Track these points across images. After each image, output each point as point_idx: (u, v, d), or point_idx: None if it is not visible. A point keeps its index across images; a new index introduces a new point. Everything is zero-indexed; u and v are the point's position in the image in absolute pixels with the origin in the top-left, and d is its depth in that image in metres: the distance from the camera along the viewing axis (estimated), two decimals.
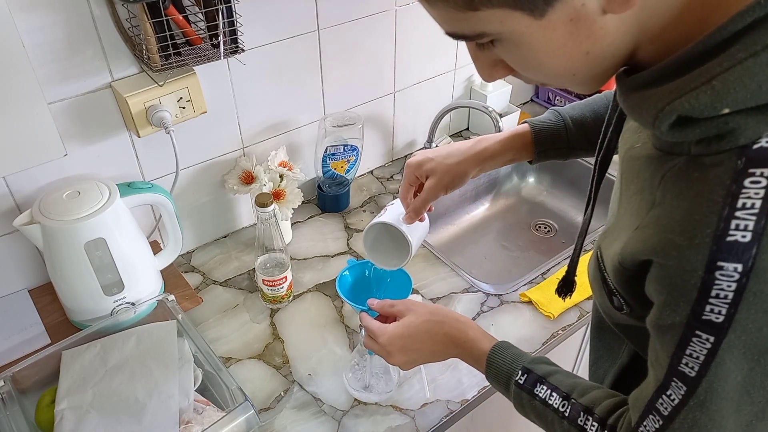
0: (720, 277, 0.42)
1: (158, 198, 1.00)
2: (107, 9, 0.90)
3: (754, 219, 0.41)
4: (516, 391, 0.67)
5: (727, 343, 0.44)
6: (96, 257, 0.92)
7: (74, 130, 0.97)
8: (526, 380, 0.67)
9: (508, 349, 0.72)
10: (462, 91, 1.55)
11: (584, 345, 1.38)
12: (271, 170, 1.17)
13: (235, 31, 0.95)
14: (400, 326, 0.78)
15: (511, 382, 0.68)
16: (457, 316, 0.78)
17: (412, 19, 1.30)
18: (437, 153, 0.84)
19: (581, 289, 1.13)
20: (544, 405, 0.64)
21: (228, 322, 1.08)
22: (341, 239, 1.27)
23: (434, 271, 1.20)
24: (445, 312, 0.78)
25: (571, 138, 0.83)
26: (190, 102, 1.00)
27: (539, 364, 0.68)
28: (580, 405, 0.62)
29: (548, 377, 0.66)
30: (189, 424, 0.83)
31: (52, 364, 0.90)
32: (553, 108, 0.86)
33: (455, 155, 0.84)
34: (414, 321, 0.78)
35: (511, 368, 0.69)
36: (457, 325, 0.76)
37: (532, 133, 0.83)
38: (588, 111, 0.84)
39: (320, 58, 1.21)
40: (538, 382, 0.66)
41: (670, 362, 0.49)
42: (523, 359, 0.69)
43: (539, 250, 1.48)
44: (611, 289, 0.58)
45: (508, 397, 0.70)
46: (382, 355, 0.80)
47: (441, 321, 0.77)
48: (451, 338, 0.76)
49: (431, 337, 0.77)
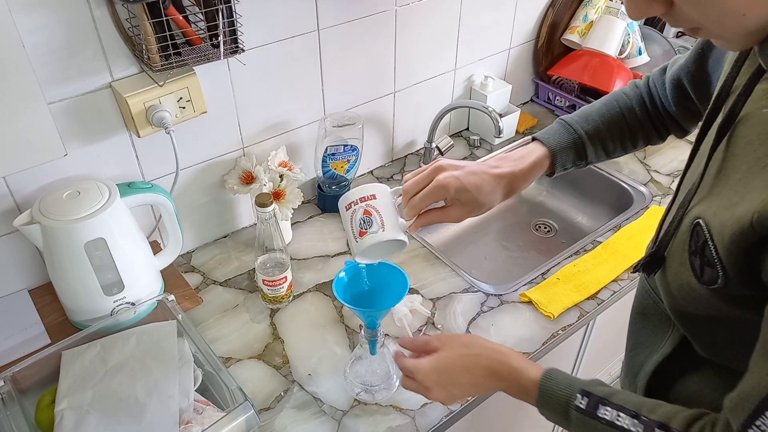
0: None
1: (158, 198, 1.00)
2: (107, 9, 0.90)
3: None
4: (577, 416, 0.63)
5: None
6: (96, 257, 0.92)
7: (74, 130, 0.97)
8: (587, 404, 0.62)
9: (560, 374, 0.67)
10: (462, 91, 1.55)
11: (584, 345, 1.38)
12: (271, 170, 1.17)
13: (235, 31, 0.95)
14: (435, 361, 0.75)
15: (570, 408, 0.63)
16: (496, 346, 0.74)
17: (412, 19, 1.30)
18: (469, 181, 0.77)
19: (581, 289, 1.14)
20: (612, 427, 0.60)
21: (228, 322, 1.08)
22: (341, 239, 1.27)
23: (434, 271, 1.20)
24: (481, 344, 0.75)
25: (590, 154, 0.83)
26: (190, 102, 1.00)
27: (597, 386, 0.64)
28: (653, 422, 0.58)
29: (610, 398, 0.61)
30: (189, 424, 0.83)
31: (52, 364, 0.90)
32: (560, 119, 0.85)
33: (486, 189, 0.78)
34: (449, 356, 0.75)
35: (567, 393, 0.64)
36: (497, 356, 0.72)
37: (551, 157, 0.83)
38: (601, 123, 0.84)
39: (320, 58, 1.21)
40: (600, 403, 0.61)
41: None
42: (579, 382, 0.65)
43: (539, 250, 1.48)
44: (709, 260, 0.54)
45: (567, 427, 0.65)
46: (420, 393, 0.77)
47: (477, 354, 0.73)
48: (493, 371, 0.71)
49: (469, 371, 0.73)
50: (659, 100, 0.86)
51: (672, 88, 0.83)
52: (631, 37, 1.61)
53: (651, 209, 1.34)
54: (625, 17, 1.57)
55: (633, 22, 1.60)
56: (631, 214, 1.34)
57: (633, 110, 0.86)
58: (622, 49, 1.61)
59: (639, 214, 1.33)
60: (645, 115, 0.86)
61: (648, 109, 0.86)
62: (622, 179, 1.45)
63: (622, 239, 1.26)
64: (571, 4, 1.61)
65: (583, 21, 1.60)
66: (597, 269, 1.19)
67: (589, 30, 1.60)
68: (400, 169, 1.49)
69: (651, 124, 0.87)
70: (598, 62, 1.57)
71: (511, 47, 1.58)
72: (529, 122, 1.65)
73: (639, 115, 0.86)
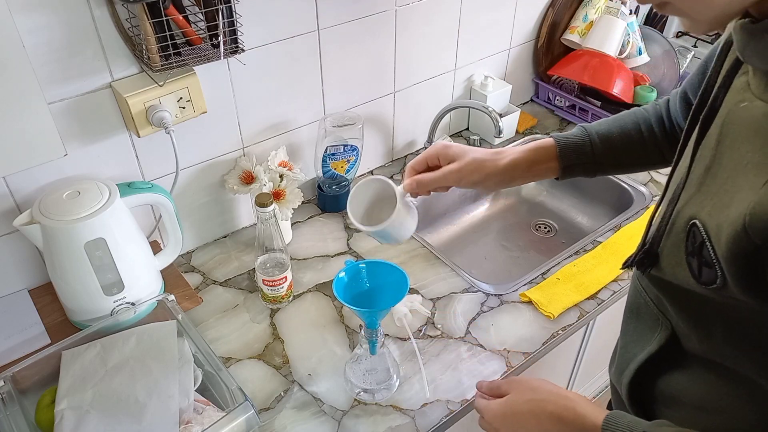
0: None
1: (158, 198, 1.00)
2: (107, 9, 0.90)
3: None
4: None
5: None
6: (96, 257, 0.92)
7: (74, 130, 0.97)
8: None
9: (623, 417, 0.66)
10: (462, 91, 1.55)
11: (584, 345, 1.38)
12: (271, 170, 1.17)
13: (235, 31, 0.95)
14: (503, 404, 0.78)
15: None
16: (562, 392, 0.75)
17: (412, 19, 1.30)
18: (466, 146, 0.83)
19: (581, 289, 1.14)
20: None
21: (228, 322, 1.08)
22: (341, 239, 1.27)
23: (434, 271, 1.20)
24: (549, 389, 0.76)
25: (597, 152, 0.82)
26: (190, 102, 1.00)
27: (660, 427, 0.63)
28: None
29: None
30: (189, 424, 0.83)
31: (52, 364, 0.90)
32: (580, 125, 0.85)
33: (482, 153, 0.82)
34: (516, 399, 0.77)
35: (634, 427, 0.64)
36: (563, 402, 0.73)
37: (556, 147, 0.81)
38: (615, 127, 0.83)
39: (320, 58, 1.21)
40: None
41: None
42: (642, 424, 0.64)
43: (539, 250, 1.48)
44: (707, 261, 0.55)
45: None
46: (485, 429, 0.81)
47: (544, 399, 0.74)
48: (558, 417, 0.72)
49: (535, 416, 0.74)
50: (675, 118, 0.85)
51: (680, 101, 0.83)
52: (631, 37, 1.61)
53: (651, 209, 1.34)
54: (625, 17, 1.57)
55: (633, 22, 1.60)
56: (631, 214, 1.34)
57: (649, 123, 0.85)
58: (622, 49, 1.61)
59: (639, 214, 1.33)
60: (661, 131, 0.85)
61: (665, 126, 0.85)
62: (622, 179, 1.45)
63: (622, 239, 1.26)
64: (571, 4, 1.61)
65: (583, 21, 1.60)
66: (597, 269, 1.19)
67: (589, 30, 1.60)
68: (400, 169, 1.49)
69: (666, 140, 0.85)
70: (598, 62, 1.57)
71: (511, 47, 1.58)
72: (529, 122, 1.65)
73: (655, 129, 0.85)
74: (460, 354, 1.03)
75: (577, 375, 1.48)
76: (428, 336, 1.06)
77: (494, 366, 1.01)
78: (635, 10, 1.70)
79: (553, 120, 1.68)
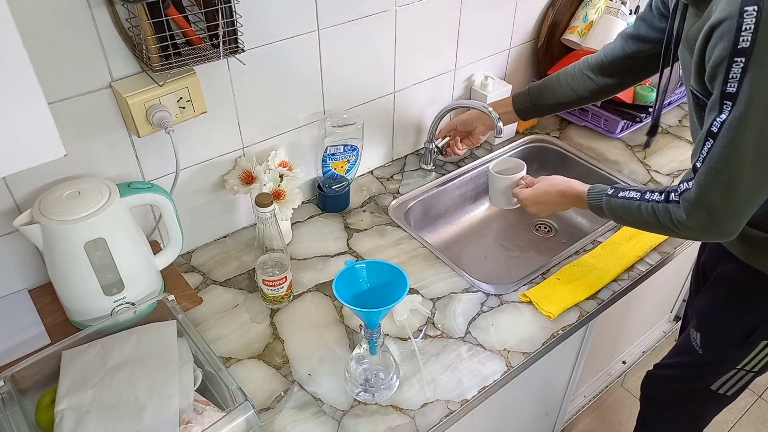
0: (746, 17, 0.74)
1: (158, 198, 1.00)
2: (107, 9, 0.90)
3: None
4: (607, 199, 1.04)
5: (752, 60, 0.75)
6: (96, 257, 0.92)
7: (74, 130, 0.97)
8: (613, 192, 1.04)
9: (599, 184, 1.10)
10: (462, 91, 1.55)
11: (584, 345, 1.38)
12: (271, 170, 1.17)
13: (235, 31, 0.95)
14: (532, 189, 1.22)
15: (602, 196, 1.05)
16: (569, 181, 1.16)
17: (412, 18, 1.30)
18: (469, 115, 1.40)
19: (581, 289, 1.14)
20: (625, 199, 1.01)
21: (228, 322, 1.08)
22: (341, 239, 1.27)
23: (434, 271, 1.20)
24: (561, 179, 1.17)
25: (533, 95, 1.31)
26: (190, 102, 1.00)
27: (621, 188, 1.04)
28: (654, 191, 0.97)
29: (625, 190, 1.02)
30: (189, 424, 0.83)
31: (52, 364, 0.90)
32: None
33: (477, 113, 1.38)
34: (539, 186, 1.21)
35: (603, 189, 1.07)
36: (567, 183, 1.15)
37: (512, 98, 1.35)
38: (551, 77, 1.30)
39: (320, 58, 1.21)
40: (621, 191, 1.03)
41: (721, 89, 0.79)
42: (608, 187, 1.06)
43: (539, 250, 1.48)
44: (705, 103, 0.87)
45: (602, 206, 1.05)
46: (524, 206, 1.25)
47: (554, 184, 1.17)
48: (562, 192, 1.15)
49: (549, 194, 1.18)
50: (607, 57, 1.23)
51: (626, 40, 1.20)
52: None
53: None
54: (625, 17, 1.57)
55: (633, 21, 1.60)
56: None
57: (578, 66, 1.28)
58: None
59: None
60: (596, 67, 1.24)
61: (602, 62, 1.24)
62: (622, 179, 1.45)
63: (622, 239, 1.26)
64: (571, 4, 1.61)
65: (583, 21, 1.60)
66: (597, 269, 1.19)
67: (589, 30, 1.60)
68: (400, 169, 1.49)
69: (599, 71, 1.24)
70: None
71: (511, 47, 1.58)
72: (529, 122, 1.65)
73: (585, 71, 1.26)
74: (460, 354, 1.03)
75: (577, 375, 1.48)
76: (428, 336, 1.07)
77: (494, 366, 1.01)
78: (635, 10, 1.70)
79: (553, 120, 1.68)
